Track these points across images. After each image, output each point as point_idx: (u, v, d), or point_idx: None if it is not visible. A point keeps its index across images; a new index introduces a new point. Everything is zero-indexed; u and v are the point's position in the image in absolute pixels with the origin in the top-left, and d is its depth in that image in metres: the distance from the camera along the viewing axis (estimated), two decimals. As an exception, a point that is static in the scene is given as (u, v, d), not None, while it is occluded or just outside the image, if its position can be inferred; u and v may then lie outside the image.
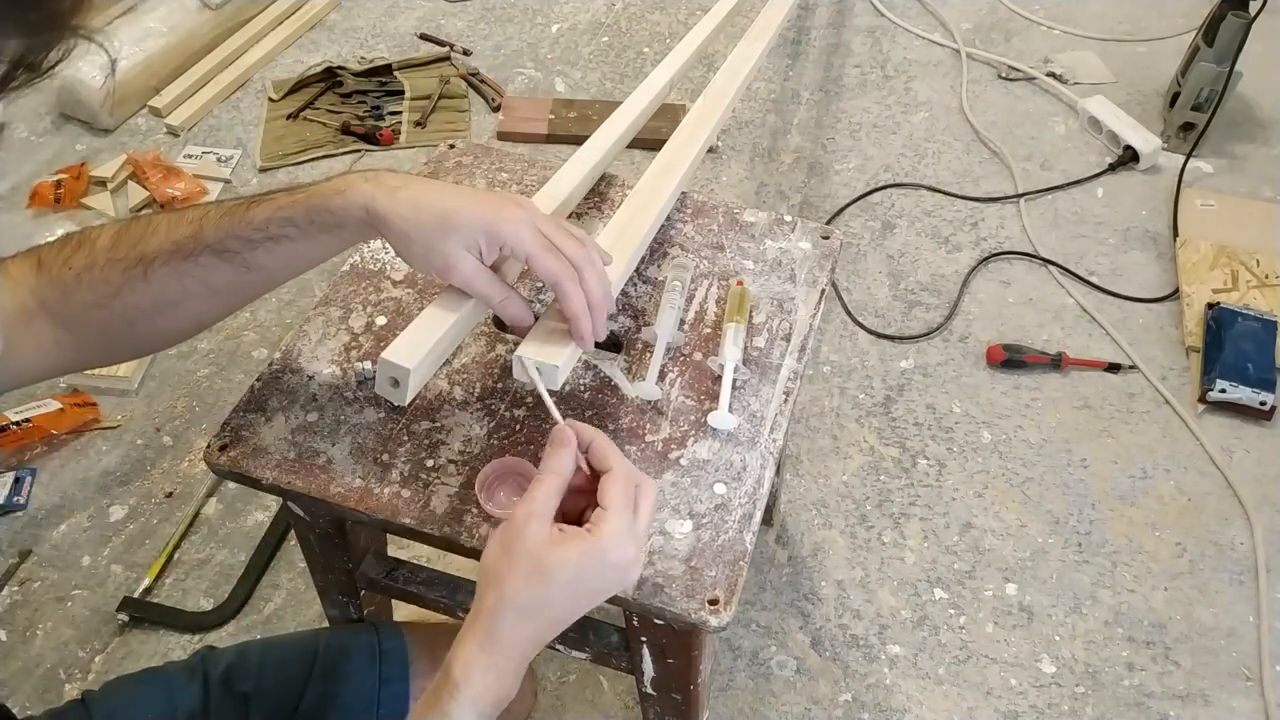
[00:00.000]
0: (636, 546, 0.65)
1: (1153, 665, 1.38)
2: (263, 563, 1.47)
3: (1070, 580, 1.46)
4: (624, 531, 0.64)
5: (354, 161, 2.08)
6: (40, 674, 1.37)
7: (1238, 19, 1.91)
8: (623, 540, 0.63)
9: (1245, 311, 1.71)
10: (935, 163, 2.08)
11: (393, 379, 0.74)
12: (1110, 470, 1.59)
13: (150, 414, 1.66)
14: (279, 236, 0.73)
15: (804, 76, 2.28)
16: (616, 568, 0.64)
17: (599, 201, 1.08)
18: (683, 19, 2.43)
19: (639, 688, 0.95)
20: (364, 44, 2.37)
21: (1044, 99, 2.22)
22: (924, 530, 1.52)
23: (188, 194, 1.97)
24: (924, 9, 2.45)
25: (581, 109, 2.16)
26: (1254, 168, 2.06)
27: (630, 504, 0.65)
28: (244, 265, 0.73)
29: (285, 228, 0.72)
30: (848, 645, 1.40)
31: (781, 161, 2.09)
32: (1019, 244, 1.92)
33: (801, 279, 1.00)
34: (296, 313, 1.80)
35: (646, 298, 0.98)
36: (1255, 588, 1.45)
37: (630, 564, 0.65)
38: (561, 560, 0.62)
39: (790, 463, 1.59)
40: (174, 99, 2.17)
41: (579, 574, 0.63)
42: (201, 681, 0.88)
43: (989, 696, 1.35)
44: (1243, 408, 1.64)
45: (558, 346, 0.76)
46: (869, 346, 1.76)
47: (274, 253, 0.73)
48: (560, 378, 0.76)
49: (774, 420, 0.87)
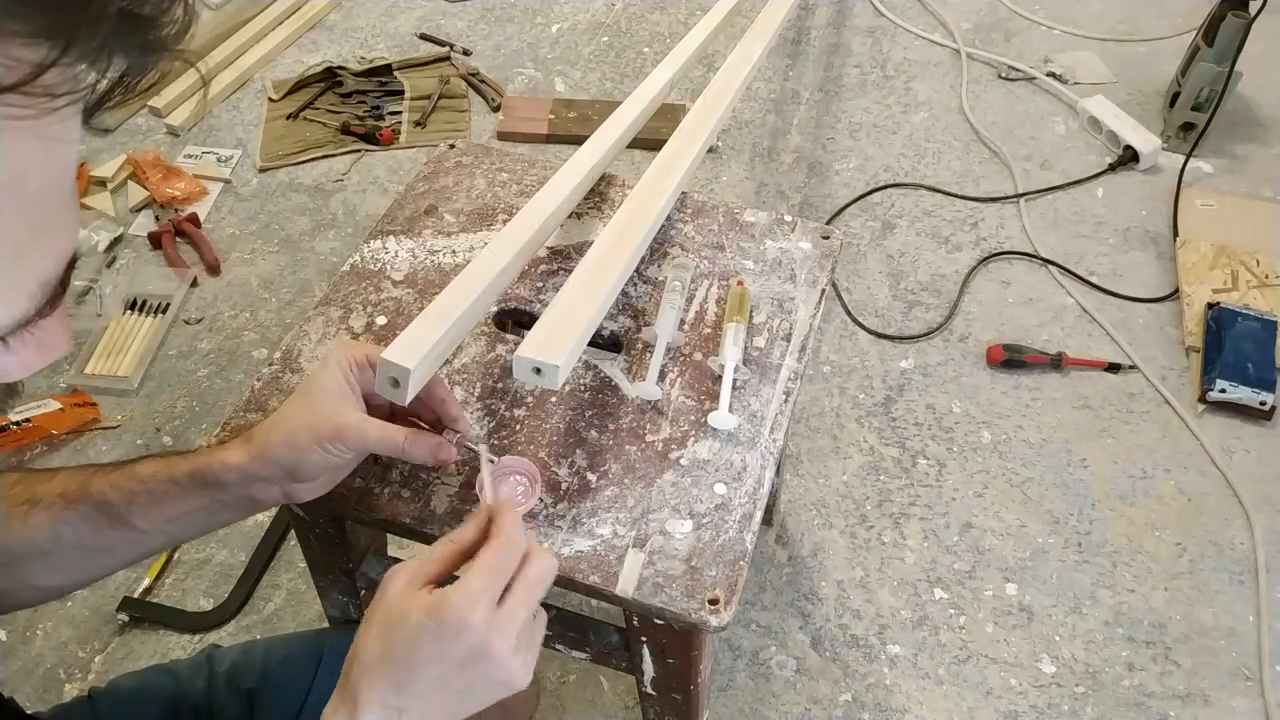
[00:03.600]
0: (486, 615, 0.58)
1: (1153, 665, 1.38)
2: (263, 563, 1.47)
3: (1070, 580, 1.46)
4: (472, 596, 0.58)
5: (354, 161, 2.08)
6: (40, 674, 1.37)
7: (1238, 19, 1.91)
8: (468, 605, 0.57)
9: (1245, 311, 1.71)
10: (935, 163, 2.08)
11: (393, 379, 0.74)
12: (1110, 470, 1.59)
13: (150, 414, 1.66)
14: (158, 493, 0.71)
15: (804, 76, 2.28)
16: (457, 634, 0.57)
17: (599, 201, 1.08)
18: (683, 19, 2.43)
19: (639, 688, 0.95)
20: (364, 44, 2.37)
21: (1044, 99, 2.22)
22: (924, 530, 1.52)
23: (188, 194, 1.97)
24: (924, 9, 2.45)
25: (581, 109, 2.16)
26: (1254, 168, 2.06)
27: (498, 571, 0.60)
28: (120, 521, 0.71)
29: (165, 484, 0.71)
30: (848, 645, 1.40)
31: (781, 161, 2.09)
32: (1019, 244, 1.92)
33: (801, 279, 1.00)
34: (296, 313, 1.80)
35: (646, 298, 0.98)
36: (1255, 588, 1.45)
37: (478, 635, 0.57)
38: (404, 615, 0.58)
39: (790, 463, 1.59)
40: (174, 99, 2.17)
41: (417, 634, 0.57)
42: (206, 679, 0.88)
43: (989, 696, 1.35)
44: (1243, 408, 1.64)
45: (558, 346, 0.76)
46: (869, 346, 1.76)
47: (149, 512, 0.71)
48: (561, 377, 0.76)
49: (774, 420, 0.87)
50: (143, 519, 0.71)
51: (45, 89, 0.30)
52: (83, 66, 0.30)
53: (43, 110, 0.30)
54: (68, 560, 0.72)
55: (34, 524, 0.70)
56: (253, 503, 0.73)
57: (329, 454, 0.70)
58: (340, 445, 0.70)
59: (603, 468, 0.84)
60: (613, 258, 0.87)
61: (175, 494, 0.71)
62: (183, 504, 0.71)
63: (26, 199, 0.32)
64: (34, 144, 0.31)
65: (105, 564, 0.75)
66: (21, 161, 0.31)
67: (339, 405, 0.71)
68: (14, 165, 0.31)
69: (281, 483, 0.72)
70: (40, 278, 0.34)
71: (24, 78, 0.29)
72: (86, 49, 0.30)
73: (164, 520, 0.72)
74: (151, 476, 0.71)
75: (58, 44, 0.29)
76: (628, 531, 0.80)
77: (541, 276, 1.00)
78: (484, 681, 0.59)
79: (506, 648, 0.59)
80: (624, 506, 0.82)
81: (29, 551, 0.71)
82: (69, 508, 0.70)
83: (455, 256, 1.01)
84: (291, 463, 0.70)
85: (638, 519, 0.81)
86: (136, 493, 0.70)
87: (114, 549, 0.73)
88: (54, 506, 0.70)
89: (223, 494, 0.72)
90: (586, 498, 0.82)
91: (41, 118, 0.30)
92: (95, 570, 0.75)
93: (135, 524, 0.71)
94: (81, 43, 0.30)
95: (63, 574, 0.74)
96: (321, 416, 0.70)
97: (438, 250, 1.02)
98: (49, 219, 0.34)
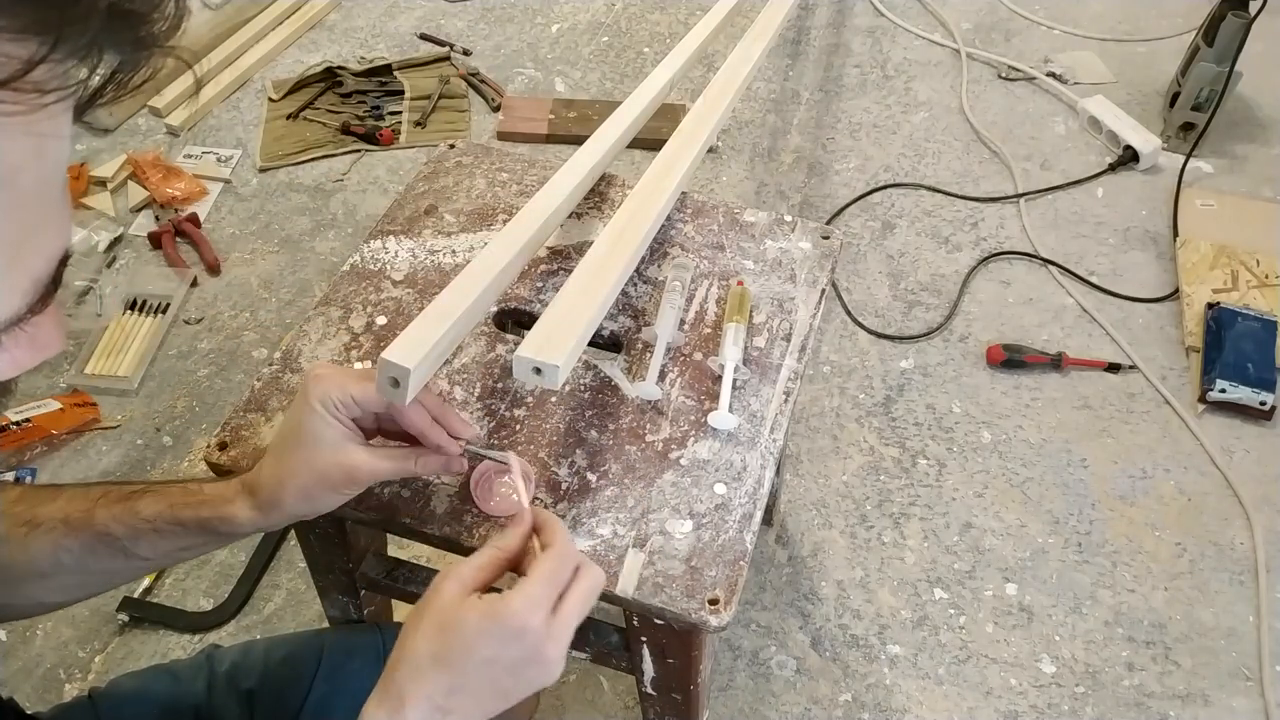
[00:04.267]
0: (544, 621, 0.60)
1: (1153, 665, 1.38)
2: (263, 563, 1.47)
3: (1070, 580, 1.46)
4: (533, 602, 0.60)
5: (354, 161, 2.08)
6: (40, 674, 1.37)
7: (1238, 19, 1.91)
8: (529, 610, 0.59)
9: (1245, 311, 1.71)
10: (935, 163, 2.08)
11: (393, 379, 0.74)
12: (1110, 470, 1.59)
13: (150, 414, 1.66)
14: (164, 532, 0.72)
15: (804, 76, 2.28)
16: (518, 637, 0.59)
17: (599, 201, 1.08)
18: (683, 19, 2.43)
19: (639, 688, 0.95)
20: (364, 44, 2.37)
21: (1044, 99, 2.22)
22: (924, 530, 1.52)
23: (188, 194, 1.97)
24: (924, 9, 2.45)
25: (581, 109, 2.16)
26: (1254, 168, 2.06)
27: (555, 581, 0.62)
28: (123, 553, 0.72)
29: (171, 526, 0.72)
30: (848, 645, 1.40)
31: (781, 161, 2.09)
32: (1019, 244, 1.92)
33: (801, 279, 1.00)
34: (296, 313, 1.80)
35: (646, 298, 0.98)
36: (1255, 588, 1.45)
37: (536, 639, 0.59)
38: (461, 618, 0.59)
39: (790, 463, 1.59)
40: (174, 99, 2.17)
41: (476, 637, 0.59)
42: (206, 679, 0.88)
43: (989, 696, 1.35)
44: (1243, 408, 1.64)
45: (558, 346, 0.76)
46: (869, 346, 1.76)
47: (157, 545, 0.72)
48: (561, 377, 0.76)
49: (774, 420, 0.87)
50: (148, 550, 0.72)
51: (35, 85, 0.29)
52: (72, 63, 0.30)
53: (32, 106, 0.30)
54: (67, 582, 0.73)
55: (34, 547, 0.70)
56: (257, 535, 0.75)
57: (344, 495, 0.72)
58: (354, 485, 0.71)
59: (603, 468, 0.84)
60: (613, 258, 0.87)
61: (180, 534, 0.72)
62: (187, 540, 0.73)
63: (18, 196, 0.32)
64: (25, 141, 0.31)
65: (105, 584, 0.77)
66: (13, 158, 0.31)
67: (342, 448, 0.70)
68: (5, 162, 0.31)
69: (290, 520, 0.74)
70: (32, 275, 0.34)
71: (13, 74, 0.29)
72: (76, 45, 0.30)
73: (167, 551, 0.73)
74: (157, 517, 0.71)
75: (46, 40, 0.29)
76: (628, 531, 0.80)
77: (541, 276, 1.00)
78: (526, 685, 0.61)
79: (558, 654, 0.61)
80: (624, 506, 0.82)
81: (28, 573, 0.71)
82: (70, 534, 0.71)
83: (455, 256, 1.01)
84: (307, 511, 0.72)
85: (638, 519, 0.81)
86: (141, 530, 0.71)
87: (116, 573, 0.75)
88: (55, 531, 0.70)
89: (228, 539, 0.74)
90: (586, 498, 0.82)
91: (31, 114, 0.30)
92: (95, 589, 0.77)
93: (140, 555, 0.72)
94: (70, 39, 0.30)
95: (62, 594, 0.75)
96: (331, 465, 0.70)
97: (438, 250, 1.02)
98: (41, 216, 0.34)
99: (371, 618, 1.07)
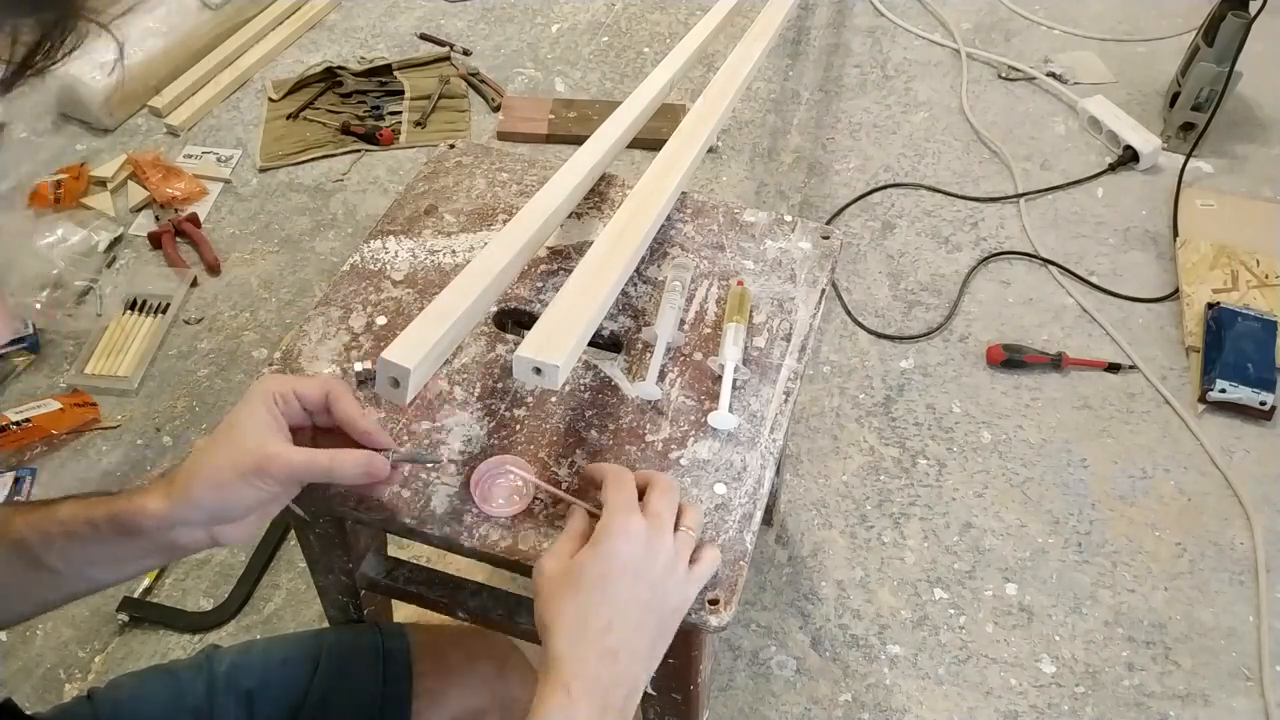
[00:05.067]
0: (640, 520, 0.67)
1: (1153, 665, 1.38)
2: (263, 563, 1.47)
3: (1070, 580, 1.46)
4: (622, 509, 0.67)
5: (354, 161, 2.08)
6: (40, 674, 1.37)
7: (1238, 19, 1.91)
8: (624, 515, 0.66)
9: (1245, 311, 1.71)
10: (935, 163, 2.08)
11: (393, 379, 0.74)
12: (1110, 470, 1.59)
13: (150, 414, 1.66)
14: (76, 535, 0.67)
15: (804, 76, 2.28)
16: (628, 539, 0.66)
17: (599, 201, 1.08)
18: (683, 19, 2.43)
19: (639, 688, 0.95)
20: (364, 44, 2.37)
21: (1044, 99, 2.22)
22: (924, 530, 1.52)
23: (187, 194, 1.97)
24: (924, 9, 2.45)
25: (581, 109, 2.16)
26: (1254, 168, 2.06)
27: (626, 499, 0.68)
28: (36, 563, 0.67)
29: (84, 526, 0.67)
30: (848, 645, 1.40)
31: (781, 161, 2.09)
32: (1019, 244, 1.92)
33: (801, 279, 1.00)
34: (296, 313, 1.80)
35: (646, 298, 0.98)
36: (1255, 588, 1.45)
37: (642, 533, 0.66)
38: (577, 564, 0.66)
39: (790, 463, 1.59)
40: (174, 99, 2.17)
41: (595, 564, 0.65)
42: (206, 679, 0.88)
43: (989, 696, 1.35)
44: (1243, 408, 1.64)
45: (558, 346, 0.76)
46: (869, 346, 1.76)
47: (68, 552, 0.67)
48: (561, 378, 0.76)
49: (774, 420, 0.87)
50: (59, 560, 0.67)
51: None
52: None
53: None
54: None
55: None
56: (176, 548, 0.69)
57: (256, 489, 0.67)
58: (266, 478, 0.67)
59: (603, 468, 0.84)
60: (613, 258, 0.87)
61: (93, 537, 0.67)
62: (101, 548, 0.68)
63: None
64: None
65: (20, 610, 0.72)
66: None
67: (261, 437, 0.68)
68: None
69: (206, 526, 0.68)
70: None
71: None
72: None
73: (82, 563, 0.68)
74: (71, 518, 0.67)
75: None
76: (628, 531, 0.80)
77: (541, 276, 1.00)
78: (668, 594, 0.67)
79: (671, 543, 0.69)
80: (624, 506, 0.81)
81: None
82: None
83: (455, 256, 1.01)
84: (216, 503, 0.67)
85: (638, 519, 0.81)
86: (54, 534, 0.67)
87: (30, 592, 0.70)
88: None
89: (142, 541, 0.68)
90: (586, 498, 0.82)
91: None
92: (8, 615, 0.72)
93: (51, 565, 0.67)
94: None
95: None
96: (244, 451, 0.67)
97: (438, 250, 1.02)
98: None
99: (371, 618, 1.07)
